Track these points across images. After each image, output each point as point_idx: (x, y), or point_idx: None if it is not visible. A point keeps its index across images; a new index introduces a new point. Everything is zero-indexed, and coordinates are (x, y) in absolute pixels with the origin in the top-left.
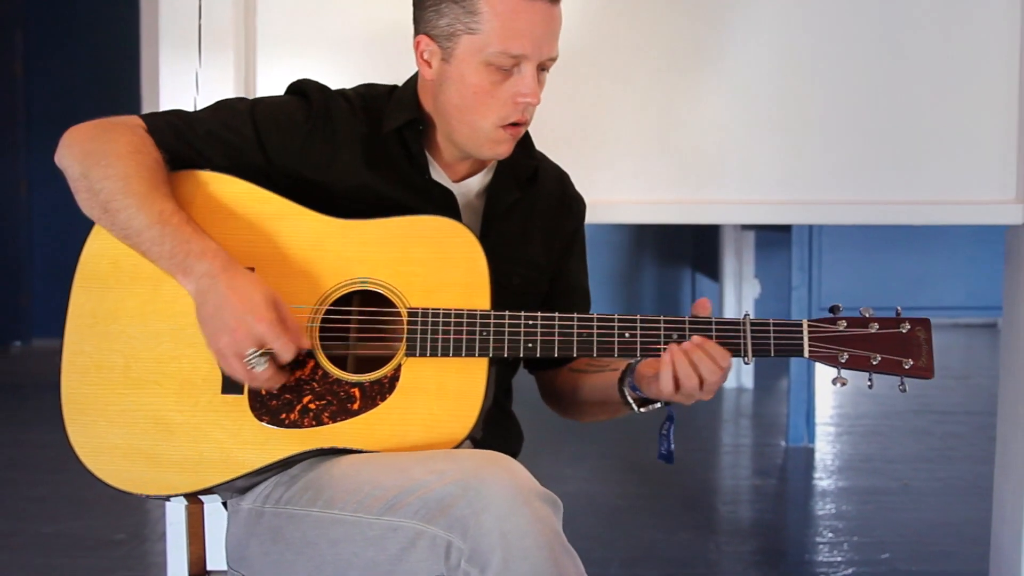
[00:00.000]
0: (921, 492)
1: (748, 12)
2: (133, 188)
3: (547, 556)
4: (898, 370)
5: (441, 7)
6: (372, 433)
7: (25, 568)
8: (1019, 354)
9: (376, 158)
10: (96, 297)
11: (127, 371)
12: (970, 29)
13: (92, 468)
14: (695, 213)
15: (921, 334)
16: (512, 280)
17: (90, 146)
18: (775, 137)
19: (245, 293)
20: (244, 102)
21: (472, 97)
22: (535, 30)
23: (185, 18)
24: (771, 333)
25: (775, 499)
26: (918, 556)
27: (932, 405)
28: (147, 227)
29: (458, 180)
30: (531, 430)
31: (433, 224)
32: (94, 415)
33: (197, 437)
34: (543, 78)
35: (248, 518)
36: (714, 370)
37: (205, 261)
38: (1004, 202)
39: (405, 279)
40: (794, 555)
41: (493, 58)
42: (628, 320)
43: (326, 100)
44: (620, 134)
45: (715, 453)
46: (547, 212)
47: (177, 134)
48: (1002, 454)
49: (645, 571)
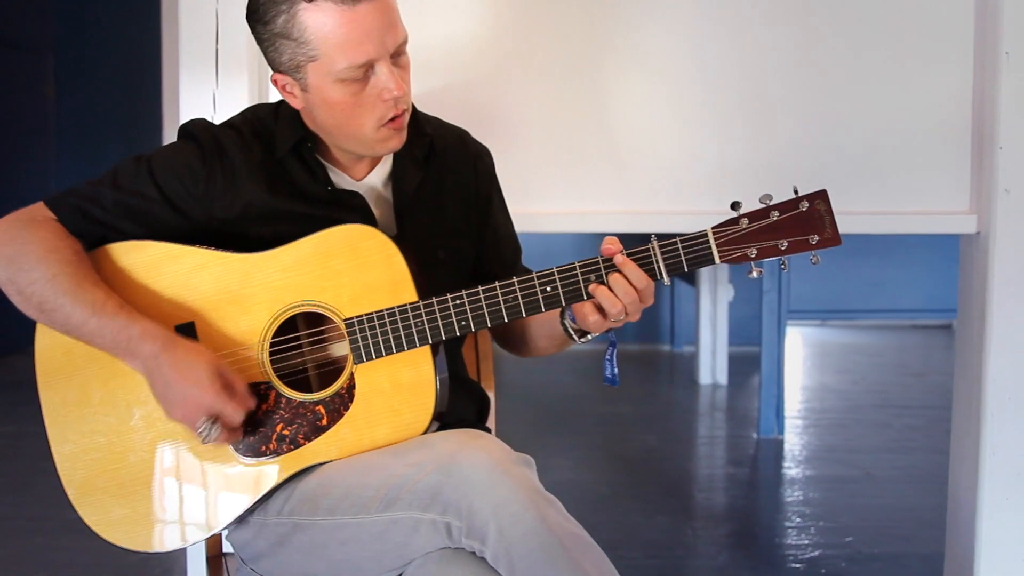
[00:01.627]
0: (882, 480)
1: (710, 27)
2: (61, 287)
3: (534, 514)
4: (806, 247)
5: (277, 45)
6: (345, 442)
7: (56, 549)
8: (972, 353)
9: (278, 182)
10: (61, 389)
11: (111, 448)
12: (927, 53)
13: (111, 540)
14: (652, 222)
15: (821, 206)
16: (437, 255)
17: (8, 252)
18: (742, 151)
19: (188, 369)
20: (140, 162)
21: (341, 113)
22: (370, 32)
23: (203, 42)
24: (680, 249)
25: (747, 487)
26: (879, 539)
27: (892, 400)
28: (84, 322)
29: (361, 179)
30: (522, 423)
31: (343, 234)
32: (97, 494)
33: (195, 488)
34: (403, 62)
35: (252, 527)
36: (629, 291)
37: (146, 343)
38: (958, 213)
39: (333, 293)
40: (765, 538)
41: (343, 74)
42: (546, 274)
43: (215, 137)
44: (569, 145)
45: (691, 444)
46: (455, 179)
47: (86, 217)
48: (956, 445)
49: (627, 553)
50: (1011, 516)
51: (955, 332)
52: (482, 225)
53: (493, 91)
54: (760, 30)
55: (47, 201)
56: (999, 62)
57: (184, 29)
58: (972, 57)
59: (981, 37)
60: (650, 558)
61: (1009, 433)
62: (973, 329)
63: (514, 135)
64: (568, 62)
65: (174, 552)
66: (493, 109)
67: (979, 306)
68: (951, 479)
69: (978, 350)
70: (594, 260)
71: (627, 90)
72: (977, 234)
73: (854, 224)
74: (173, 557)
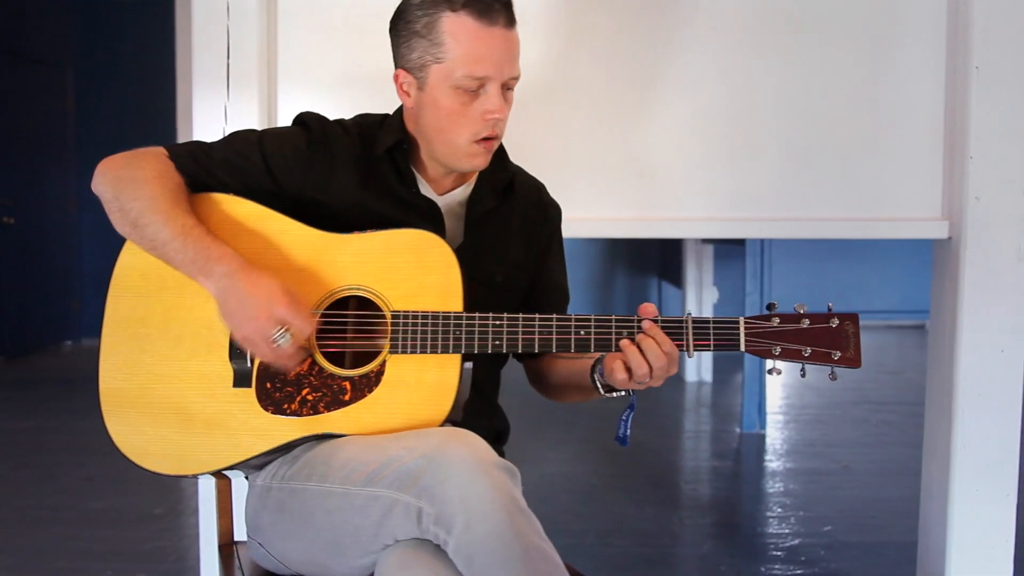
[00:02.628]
0: (859, 473)
1: (705, 55)
2: (158, 206)
3: (504, 517)
4: (828, 360)
5: (411, 42)
6: (361, 420)
7: (76, 538)
8: (944, 352)
9: (369, 177)
10: (128, 305)
11: (153, 368)
12: (902, 70)
13: (127, 453)
14: (659, 228)
15: (849, 328)
16: (495, 278)
17: (121, 172)
18: (731, 163)
19: (263, 285)
20: (254, 133)
21: (446, 118)
22: (494, 53)
23: (215, 58)
24: (711, 329)
25: (731, 479)
26: (856, 528)
27: (868, 396)
28: (171, 239)
29: (443, 193)
30: (519, 418)
31: (414, 236)
32: (127, 407)
33: (213, 424)
34: (509, 96)
35: (260, 493)
36: (659, 355)
37: (223, 264)
38: (931, 219)
39: (389, 285)
40: (747, 527)
41: (460, 82)
42: (583, 319)
43: (324, 129)
44: (593, 160)
45: (678, 438)
46: (525, 218)
47: (196, 161)
48: (929, 439)
49: (617, 541)
50: (981, 506)
51: (928, 332)
52: (539, 266)
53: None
54: (750, 57)
55: (167, 145)
56: (970, 77)
57: (197, 45)
58: (944, 72)
59: (953, 54)
60: (639, 546)
61: (979, 428)
62: (945, 329)
63: (550, 151)
64: (598, 88)
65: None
66: (532, 129)
67: (950, 307)
68: (924, 471)
69: (949, 349)
70: (630, 318)
71: (646, 112)
72: (949, 239)
73: (834, 229)
74: (186, 544)
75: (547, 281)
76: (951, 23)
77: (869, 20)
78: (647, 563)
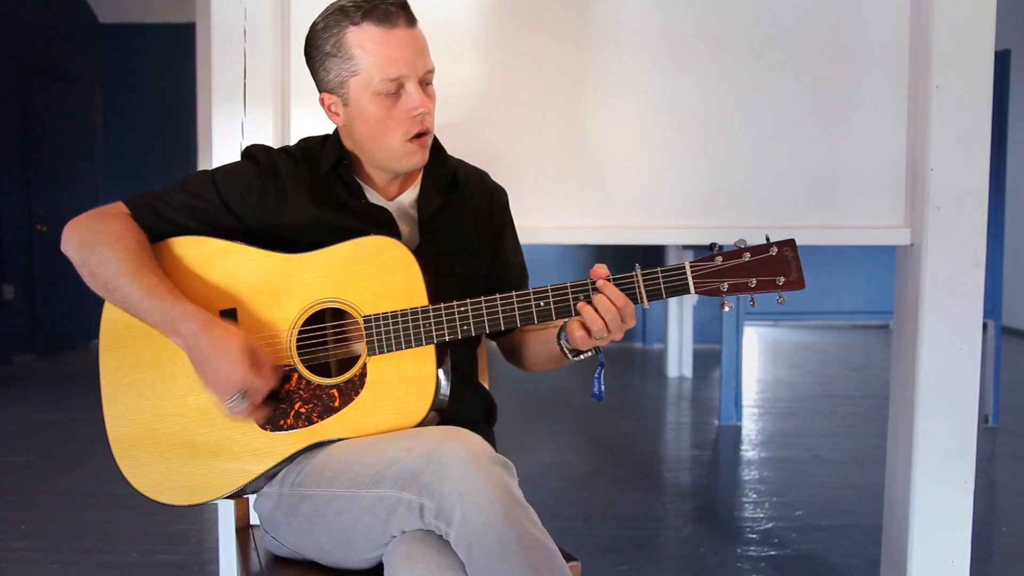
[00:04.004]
0: (827, 461)
1: (681, 67)
2: (123, 269)
3: (499, 509)
4: (773, 288)
5: (326, 64)
6: (353, 422)
7: (104, 522)
8: (907, 350)
9: (320, 195)
10: (119, 356)
11: (154, 410)
12: (868, 88)
13: (143, 491)
14: (643, 235)
15: (789, 253)
16: (454, 269)
17: (84, 237)
18: (703, 174)
19: (222, 347)
20: (207, 173)
21: (375, 125)
22: (404, 53)
23: (233, 77)
24: (660, 277)
25: (710, 467)
26: (825, 512)
27: (836, 391)
28: (139, 300)
29: (391, 199)
30: (512, 411)
31: (371, 243)
32: (136, 450)
33: (218, 452)
34: (429, 91)
35: (272, 497)
36: (609, 308)
37: (188, 322)
38: (895, 227)
39: (357, 292)
40: (725, 512)
41: (379, 87)
42: (541, 291)
43: (271, 158)
44: (560, 169)
45: (661, 430)
46: (473, 207)
47: (154, 212)
48: (893, 430)
49: (604, 524)
50: (940, 492)
51: (891, 331)
52: (494, 249)
53: (488, 123)
54: (724, 73)
55: (125, 201)
56: (930, 95)
57: (216, 66)
58: (907, 91)
59: (915, 74)
60: (625, 529)
61: (939, 420)
62: (907, 329)
63: (507, 160)
64: (552, 96)
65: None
66: (489, 138)
67: (912, 309)
68: (888, 460)
69: (912, 347)
70: (584, 282)
71: (604, 119)
72: (911, 245)
73: (804, 236)
74: (206, 528)
75: (504, 262)
76: (913, 46)
77: (838, 41)
78: (632, 545)
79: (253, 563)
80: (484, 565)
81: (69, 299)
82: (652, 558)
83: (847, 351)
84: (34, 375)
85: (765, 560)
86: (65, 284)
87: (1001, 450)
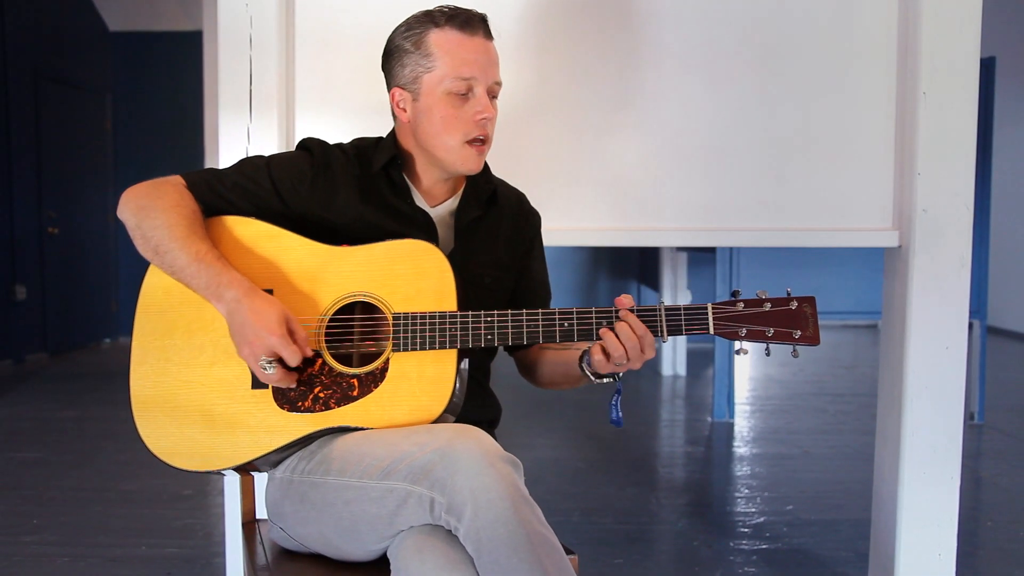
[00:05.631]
0: (818, 457)
1: (681, 83)
2: (176, 234)
3: (508, 506)
4: (789, 339)
5: (403, 59)
6: (369, 413)
7: (114, 516)
8: (895, 349)
9: (368, 193)
10: (154, 320)
11: (178, 375)
12: (858, 96)
13: (156, 453)
14: (637, 237)
15: (807, 309)
16: (484, 279)
17: (142, 202)
18: (704, 179)
19: (262, 313)
20: (262, 159)
21: (440, 123)
22: (479, 58)
23: (239, 85)
24: (682, 315)
25: (703, 463)
26: (815, 507)
27: (826, 389)
28: (187, 264)
29: (435, 205)
30: (510, 407)
31: (410, 246)
32: (155, 411)
33: (234, 424)
34: (494, 104)
35: (281, 485)
36: (630, 336)
37: (232, 289)
38: (883, 229)
39: (390, 291)
40: (718, 507)
41: (450, 86)
42: (566, 312)
43: (325, 152)
44: (576, 174)
45: (655, 426)
46: (508, 224)
47: (210, 188)
48: (882, 427)
49: (600, 519)
50: (927, 487)
51: (880, 331)
52: (523, 267)
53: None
54: (720, 83)
55: (183, 174)
56: (918, 101)
57: (223, 73)
58: (895, 97)
59: (903, 81)
60: (620, 523)
61: (925, 417)
62: (895, 329)
63: (535, 166)
64: (570, 106)
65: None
66: (511, 145)
67: (900, 309)
68: (877, 456)
69: (899, 346)
70: (608, 309)
71: (618, 128)
72: (899, 247)
73: (796, 238)
74: (213, 522)
75: (530, 279)
76: (901, 53)
77: (828, 50)
78: (628, 538)
79: (259, 556)
80: (494, 560)
81: (79, 299)
82: (647, 551)
83: (837, 350)
84: (45, 373)
85: (757, 553)
86: (76, 285)
87: (986, 446)
